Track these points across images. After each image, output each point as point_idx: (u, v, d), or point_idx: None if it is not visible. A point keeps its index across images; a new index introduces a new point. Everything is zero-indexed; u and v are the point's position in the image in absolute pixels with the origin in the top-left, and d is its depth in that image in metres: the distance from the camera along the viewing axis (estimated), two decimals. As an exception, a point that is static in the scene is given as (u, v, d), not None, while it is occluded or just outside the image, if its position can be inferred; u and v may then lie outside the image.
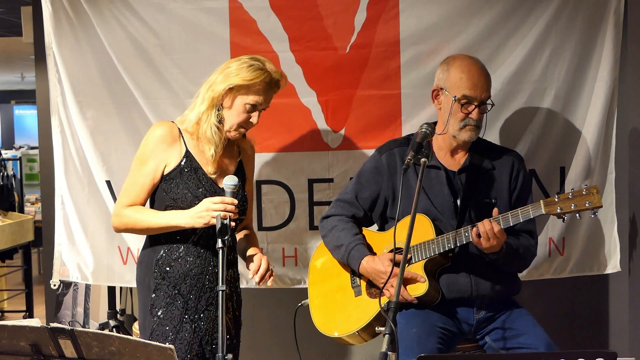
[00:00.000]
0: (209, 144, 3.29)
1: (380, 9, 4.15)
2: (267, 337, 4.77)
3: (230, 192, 3.15)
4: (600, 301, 4.61)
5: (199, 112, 3.30)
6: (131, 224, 3.31)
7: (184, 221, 3.20)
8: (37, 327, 2.40)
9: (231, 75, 3.26)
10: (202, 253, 3.32)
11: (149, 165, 3.29)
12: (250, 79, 3.24)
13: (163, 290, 3.30)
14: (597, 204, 3.17)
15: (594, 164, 4.15)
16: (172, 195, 3.27)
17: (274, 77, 3.30)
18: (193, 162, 3.31)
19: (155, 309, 3.30)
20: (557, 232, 4.20)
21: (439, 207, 3.48)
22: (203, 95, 3.32)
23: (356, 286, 3.59)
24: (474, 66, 3.49)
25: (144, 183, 3.31)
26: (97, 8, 4.21)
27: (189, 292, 3.30)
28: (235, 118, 3.30)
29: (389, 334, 2.48)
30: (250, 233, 3.61)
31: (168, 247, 3.32)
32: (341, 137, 4.23)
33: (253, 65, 3.27)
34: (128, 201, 3.31)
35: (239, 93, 3.27)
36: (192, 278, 3.30)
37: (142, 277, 3.39)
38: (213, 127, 3.28)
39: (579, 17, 4.09)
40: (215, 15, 4.20)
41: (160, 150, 3.29)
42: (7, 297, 8.39)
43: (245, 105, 3.28)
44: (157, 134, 3.31)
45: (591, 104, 4.13)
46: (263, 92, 3.29)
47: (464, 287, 3.46)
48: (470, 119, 3.44)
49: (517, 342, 3.41)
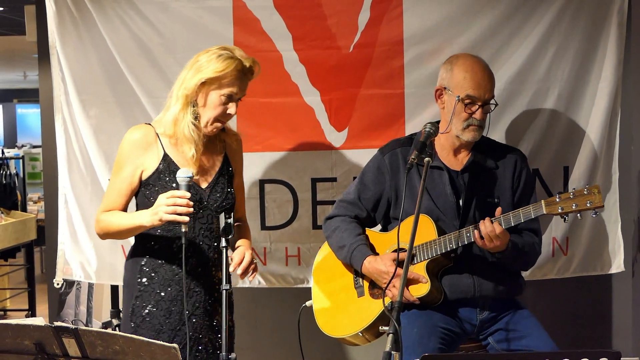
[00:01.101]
0: (189, 143, 3.21)
1: (384, 9, 4.15)
2: (269, 337, 4.76)
3: (185, 186, 3.05)
4: (603, 301, 4.61)
5: (175, 112, 3.22)
6: (106, 229, 3.26)
7: (145, 220, 3.11)
8: (42, 326, 2.41)
9: (202, 68, 3.17)
10: (188, 259, 3.19)
11: (125, 170, 3.23)
12: (221, 70, 3.15)
13: (146, 296, 3.24)
14: (598, 203, 3.16)
15: (598, 164, 4.15)
16: (152, 201, 3.16)
17: (245, 63, 3.20)
18: (171, 165, 3.22)
19: (135, 315, 3.24)
20: (560, 232, 4.20)
21: (441, 207, 3.48)
22: (176, 94, 3.23)
23: (359, 287, 3.59)
24: (477, 66, 3.48)
25: (121, 189, 3.24)
26: (100, 7, 4.21)
27: (174, 298, 3.23)
28: (212, 112, 3.21)
29: (393, 334, 2.47)
30: (241, 225, 3.54)
31: (152, 253, 3.26)
32: (344, 136, 4.23)
33: (222, 55, 3.19)
34: (106, 207, 3.27)
35: (212, 86, 3.18)
36: (178, 283, 3.23)
37: (127, 282, 3.35)
38: (190, 126, 3.19)
39: (583, 17, 4.09)
40: (218, 15, 4.20)
41: (135, 155, 3.22)
42: (9, 296, 8.40)
43: (221, 97, 3.19)
44: (131, 138, 3.24)
45: (595, 103, 4.13)
46: (237, 81, 3.19)
47: (467, 288, 3.45)
48: (474, 119, 3.43)
49: (520, 344, 3.40)
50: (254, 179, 4.28)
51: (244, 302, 4.58)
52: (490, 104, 3.47)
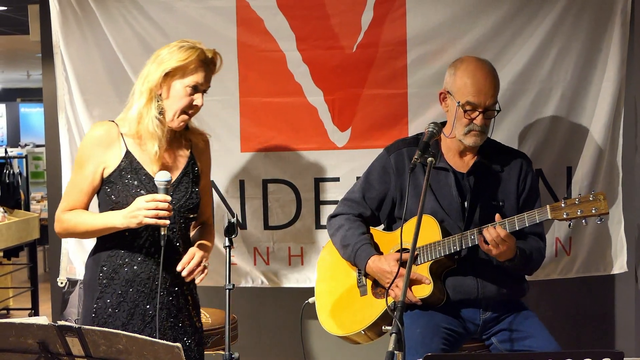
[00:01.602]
0: (152, 139, 3.14)
1: (387, 9, 4.15)
2: (272, 336, 4.77)
3: (163, 189, 3.04)
4: (606, 301, 4.61)
5: (139, 107, 3.15)
6: (71, 228, 3.21)
7: (119, 222, 3.07)
8: (45, 325, 2.40)
9: (164, 60, 3.15)
10: (148, 258, 3.18)
11: (87, 168, 3.17)
12: (184, 59, 3.12)
13: (107, 297, 3.17)
14: (603, 210, 3.15)
15: (601, 164, 4.15)
16: (114, 199, 3.14)
17: (207, 54, 3.19)
18: (134, 162, 3.16)
19: (98, 317, 3.17)
20: (563, 232, 4.20)
21: (446, 208, 3.48)
22: (139, 89, 3.18)
23: (362, 286, 3.59)
24: (480, 71, 3.45)
25: (83, 187, 3.18)
26: (104, 6, 4.22)
27: (136, 298, 3.17)
28: (177, 103, 3.16)
29: (396, 333, 2.47)
30: (205, 227, 3.47)
31: (113, 253, 3.18)
32: (347, 136, 4.24)
33: (184, 45, 3.17)
34: (68, 205, 3.21)
35: (175, 77, 3.14)
36: (140, 284, 3.17)
37: (87, 283, 3.28)
38: (155, 121, 3.13)
39: (586, 17, 4.09)
40: (222, 14, 4.21)
41: (97, 152, 3.16)
42: (12, 295, 8.41)
43: (186, 88, 3.14)
44: (93, 135, 3.20)
45: (598, 103, 4.13)
46: (200, 70, 3.16)
47: (470, 290, 3.45)
48: (475, 124, 3.42)
49: (523, 345, 3.40)
50: (257, 179, 4.29)
51: (247, 301, 4.59)
52: (492, 109, 3.45)
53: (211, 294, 4.46)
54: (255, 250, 4.33)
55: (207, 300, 4.45)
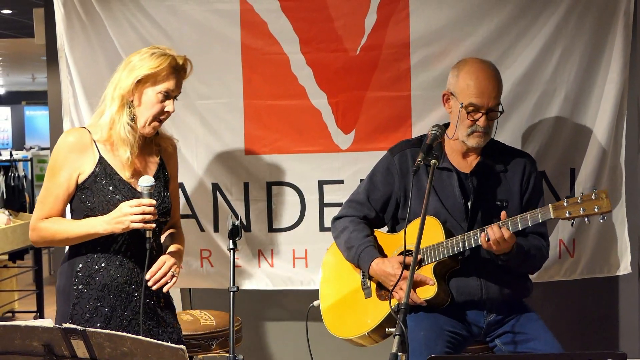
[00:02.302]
0: (124, 145, 3.15)
1: (391, 11, 4.15)
2: (277, 338, 4.77)
3: (148, 194, 3.08)
4: (610, 303, 4.61)
5: (111, 113, 3.16)
6: (50, 237, 3.18)
7: (103, 228, 3.08)
8: (50, 327, 2.41)
9: (136, 67, 3.15)
10: (125, 261, 3.18)
11: (61, 175, 3.15)
12: (156, 66, 3.14)
13: (84, 303, 3.15)
14: (606, 208, 3.14)
15: (604, 166, 4.14)
16: (89, 205, 3.14)
17: (179, 60, 3.19)
18: (107, 168, 3.16)
19: (75, 323, 3.03)
20: (567, 233, 4.20)
21: (450, 208, 3.48)
22: (111, 95, 3.19)
23: (366, 288, 3.59)
24: (482, 72, 3.46)
25: (58, 194, 3.16)
26: (109, 10, 4.22)
27: (113, 303, 3.16)
28: (150, 110, 3.17)
29: (400, 335, 2.48)
30: (175, 232, 3.48)
31: (88, 258, 3.17)
32: (351, 139, 4.24)
33: (155, 52, 3.18)
34: (44, 214, 3.17)
35: (147, 84, 3.16)
36: (116, 288, 3.16)
37: (62, 289, 3.24)
38: (127, 127, 3.14)
39: (589, 19, 4.09)
40: (226, 17, 4.21)
41: (71, 158, 3.15)
42: (18, 298, 8.42)
43: (158, 95, 3.16)
44: (67, 141, 3.18)
45: (601, 105, 4.13)
46: (172, 77, 3.18)
47: (474, 291, 3.45)
48: (478, 125, 3.42)
49: (527, 347, 3.40)
50: (261, 181, 4.30)
51: (252, 304, 4.59)
52: (495, 111, 3.45)
53: (215, 296, 4.48)
54: (260, 253, 4.34)
55: (211, 303, 4.47)
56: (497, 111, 3.45)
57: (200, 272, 4.34)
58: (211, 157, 4.29)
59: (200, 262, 4.34)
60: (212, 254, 4.33)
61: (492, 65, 3.53)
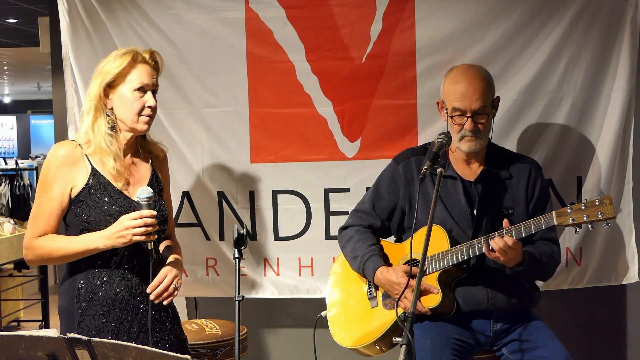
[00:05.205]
0: (107, 155, 3.08)
1: (396, 19, 4.15)
2: (282, 347, 4.76)
3: (147, 205, 3.00)
4: (618, 311, 4.59)
5: (87, 125, 3.13)
6: (46, 255, 3.09)
7: (103, 243, 3.00)
8: (54, 337, 2.40)
9: (102, 72, 3.12)
10: (127, 274, 3.12)
11: (54, 189, 3.07)
12: (120, 65, 3.09)
13: (89, 320, 3.08)
14: (609, 214, 3.10)
15: (611, 174, 4.13)
16: (84, 218, 3.06)
17: (143, 54, 3.16)
18: (101, 179, 3.10)
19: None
20: (574, 242, 4.19)
21: (455, 216, 3.47)
22: (86, 107, 3.15)
23: (372, 297, 3.58)
24: (464, 76, 3.43)
25: (52, 209, 3.08)
26: (114, 18, 4.23)
27: (119, 317, 3.10)
28: (131, 109, 3.11)
29: (406, 345, 2.47)
30: (171, 244, 3.43)
31: (89, 274, 3.10)
32: (357, 147, 4.24)
33: (119, 52, 3.14)
34: (38, 231, 3.08)
35: (118, 85, 3.11)
36: (121, 301, 3.10)
37: (65, 309, 3.17)
38: (106, 137, 3.09)
39: (596, 27, 4.08)
40: (231, 26, 4.22)
41: (63, 172, 3.08)
42: (23, 307, 8.41)
43: (134, 92, 3.11)
44: (57, 155, 3.09)
45: (608, 113, 4.12)
46: (141, 70, 3.13)
47: (481, 300, 3.43)
48: (465, 130, 3.40)
49: (534, 355, 3.38)
50: (267, 190, 4.29)
51: (257, 313, 4.59)
52: (481, 114, 3.41)
53: (221, 305, 4.47)
54: (266, 261, 4.33)
55: (217, 312, 4.46)
56: (484, 114, 3.41)
57: (205, 280, 4.34)
58: (217, 166, 4.29)
59: (206, 271, 4.34)
60: (217, 263, 4.33)
61: (478, 68, 3.51)
